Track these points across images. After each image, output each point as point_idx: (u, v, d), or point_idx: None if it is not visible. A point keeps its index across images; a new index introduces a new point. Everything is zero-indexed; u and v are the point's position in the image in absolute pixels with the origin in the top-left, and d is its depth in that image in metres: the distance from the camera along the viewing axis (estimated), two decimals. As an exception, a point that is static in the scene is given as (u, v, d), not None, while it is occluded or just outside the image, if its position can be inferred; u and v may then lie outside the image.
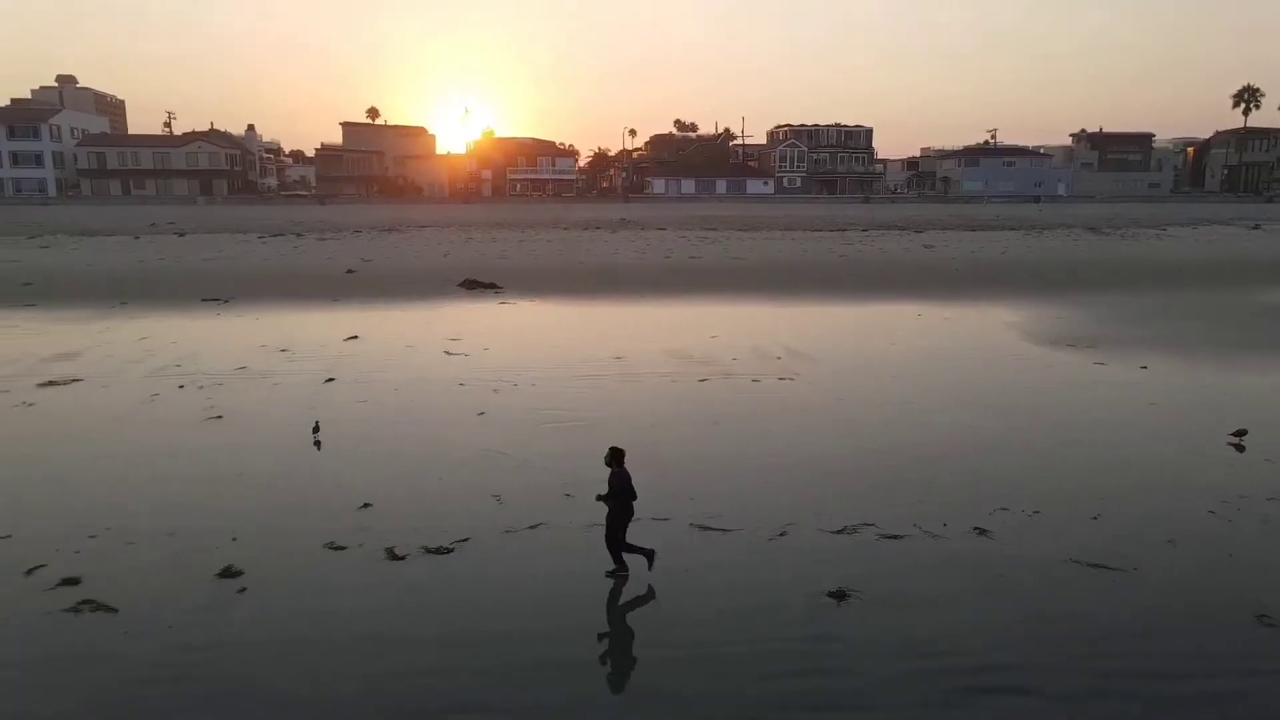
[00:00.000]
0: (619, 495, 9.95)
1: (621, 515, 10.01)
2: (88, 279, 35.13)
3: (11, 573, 10.21)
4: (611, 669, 8.75)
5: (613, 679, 8.54)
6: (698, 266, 40.76)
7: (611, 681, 8.48)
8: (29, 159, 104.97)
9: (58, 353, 22.20)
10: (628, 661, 8.89)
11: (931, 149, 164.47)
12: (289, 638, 8.97)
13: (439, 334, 24.99)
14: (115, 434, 15.66)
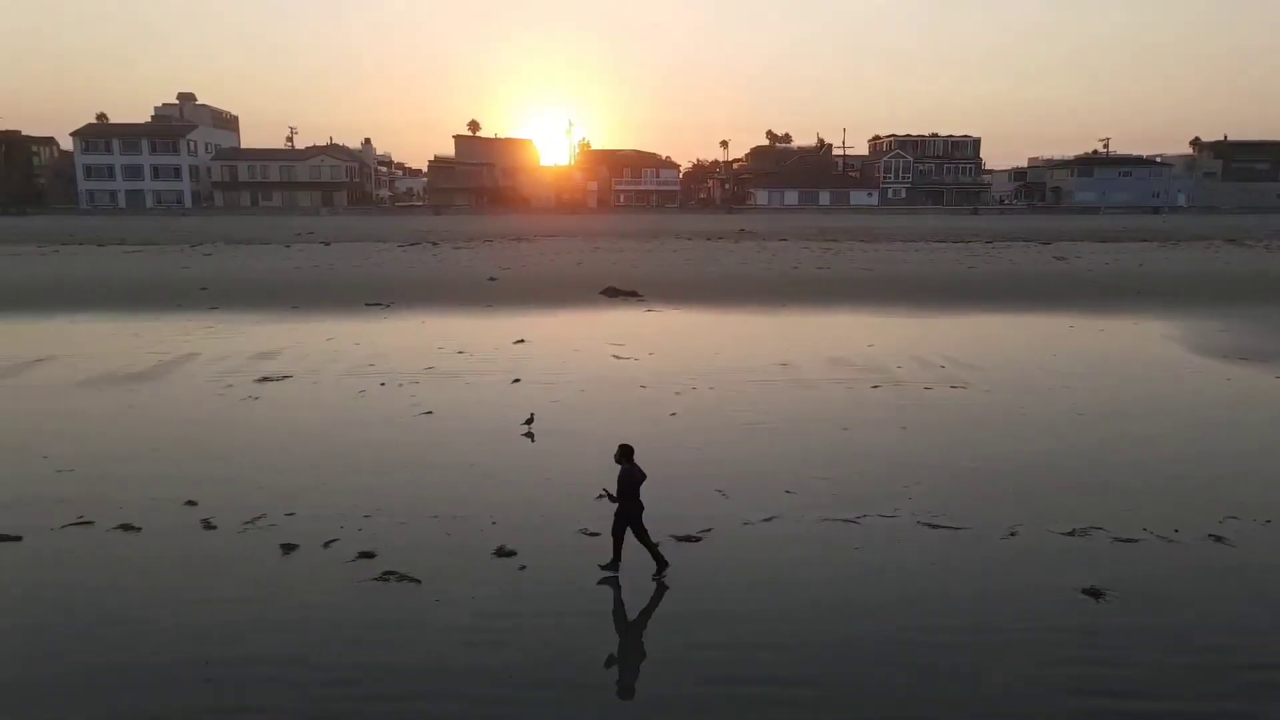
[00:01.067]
0: (628, 492, 10.24)
1: (632, 511, 10.33)
2: (257, 284, 37.54)
3: (312, 544, 11.35)
4: (879, 647, 9.18)
5: (887, 655, 8.98)
6: (827, 277, 40.95)
7: (893, 660, 8.94)
8: (169, 172, 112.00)
9: (259, 351, 23.97)
10: (895, 636, 9.27)
11: (1040, 158, 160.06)
12: (579, 611, 9.77)
13: (600, 339, 25.97)
14: (342, 424, 16.93)
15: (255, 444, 15.75)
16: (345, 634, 9.29)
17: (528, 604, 9.90)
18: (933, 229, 71.30)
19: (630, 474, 10.28)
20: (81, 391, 19.57)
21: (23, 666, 8.62)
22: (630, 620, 9.73)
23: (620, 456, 10.44)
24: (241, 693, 8.21)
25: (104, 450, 15.25)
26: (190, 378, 20.94)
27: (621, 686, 8.53)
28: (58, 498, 12.90)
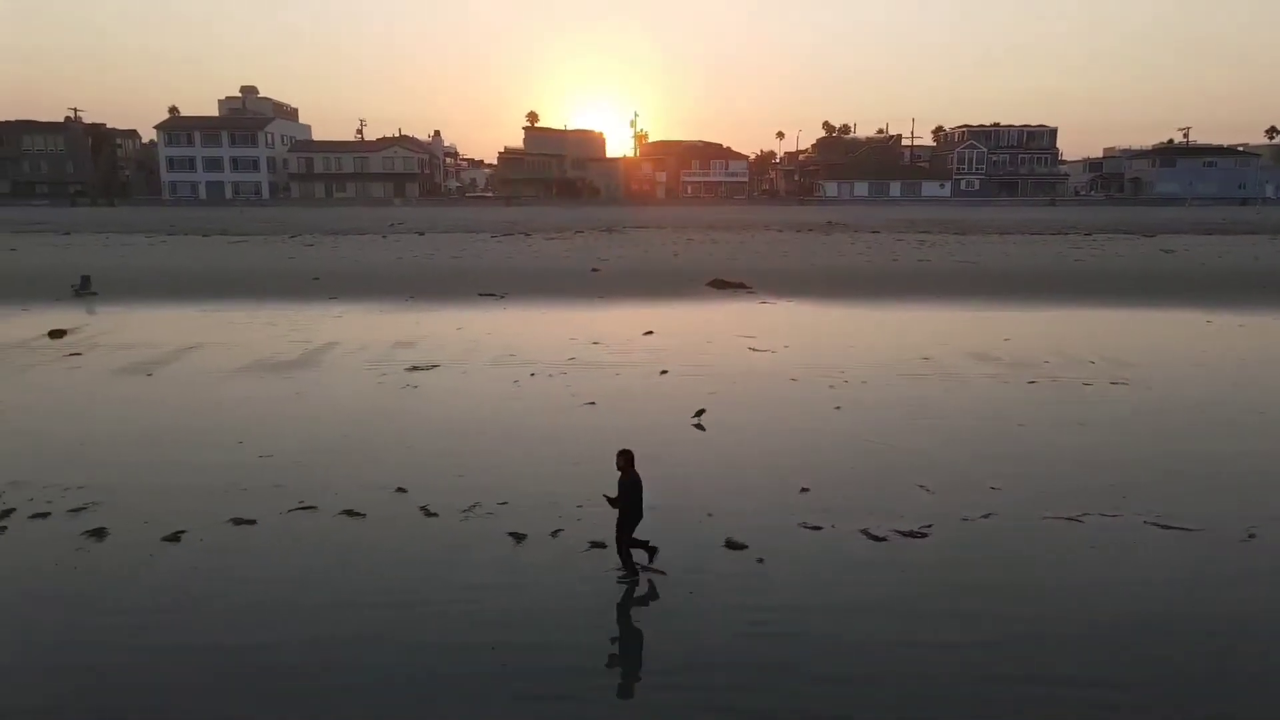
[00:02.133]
0: (629, 498, 9.96)
1: (632, 517, 10.05)
2: (367, 274, 38.16)
3: (540, 533, 11.41)
4: (1148, 640, 8.92)
5: (1145, 649, 8.73)
6: (930, 270, 40.26)
7: (1148, 653, 8.69)
8: (247, 164, 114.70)
9: (397, 341, 24.32)
10: (1162, 635, 9.03)
11: (1115, 148, 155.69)
12: (826, 605, 9.67)
13: (728, 331, 25.86)
14: (512, 413, 17.04)
15: (435, 432, 15.91)
16: (606, 623, 9.34)
17: (778, 598, 9.83)
18: (1023, 221, 69.72)
19: (634, 482, 9.97)
20: (243, 378, 20.03)
21: (284, 638, 8.80)
22: (898, 612, 9.52)
23: (621, 462, 10.10)
24: (542, 681, 8.27)
25: (294, 437, 15.57)
26: (342, 366, 21.31)
27: (902, 675, 8.39)
28: (273, 483, 13.18)
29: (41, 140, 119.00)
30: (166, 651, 8.68)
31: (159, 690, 8.08)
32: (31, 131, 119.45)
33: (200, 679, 8.23)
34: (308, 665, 8.47)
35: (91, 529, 11.50)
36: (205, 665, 8.44)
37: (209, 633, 9.02)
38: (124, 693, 8.05)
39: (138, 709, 7.83)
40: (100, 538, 11.27)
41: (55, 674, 8.31)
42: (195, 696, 7.99)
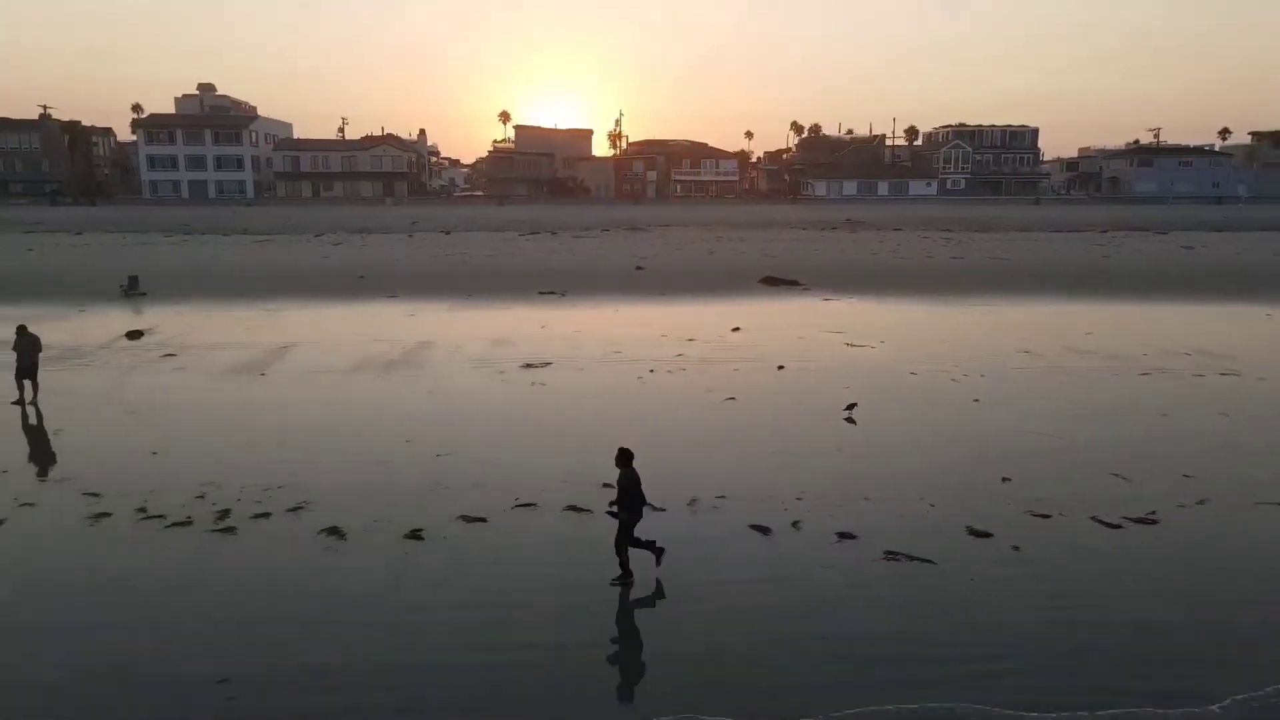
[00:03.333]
0: (631, 497, 9.66)
1: (633, 517, 9.77)
2: (411, 273, 37.77)
3: (782, 525, 11.42)
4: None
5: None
6: (968, 267, 40.77)
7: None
8: (231, 163, 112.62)
9: (493, 338, 24.09)
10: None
11: (1090, 148, 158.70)
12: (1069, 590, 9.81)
13: (813, 326, 26.02)
14: (675, 409, 17.01)
15: (612, 428, 15.79)
16: (888, 612, 9.35)
17: (1051, 584, 9.92)
18: (1038, 219, 70.94)
19: (630, 479, 9.69)
20: (363, 378, 19.72)
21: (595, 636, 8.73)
22: (1172, 595, 9.67)
23: (620, 461, 9.83)
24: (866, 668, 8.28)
25: (460, 435, 15.37)
26: (451, 365, 21.04)
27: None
28: (473, 481, 13.02)
29: (15, 138, 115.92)
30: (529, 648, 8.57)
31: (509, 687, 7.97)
32: (5, 129, 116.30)
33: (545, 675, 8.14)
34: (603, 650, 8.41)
35: (325, 528, 11.29)
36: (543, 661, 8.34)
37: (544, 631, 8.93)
38: (531, 691, 7.93)
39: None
40: (341, 536, 11.06)
41: (453, 671, 8.15)
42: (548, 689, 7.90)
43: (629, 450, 9.87)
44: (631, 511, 9.68)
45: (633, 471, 9.72)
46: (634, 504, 9.68)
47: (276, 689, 7.92)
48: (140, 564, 10.35)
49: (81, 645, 8.61)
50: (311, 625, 8.99)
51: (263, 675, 8.11)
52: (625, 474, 9.74)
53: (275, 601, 9.49)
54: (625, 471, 9.74)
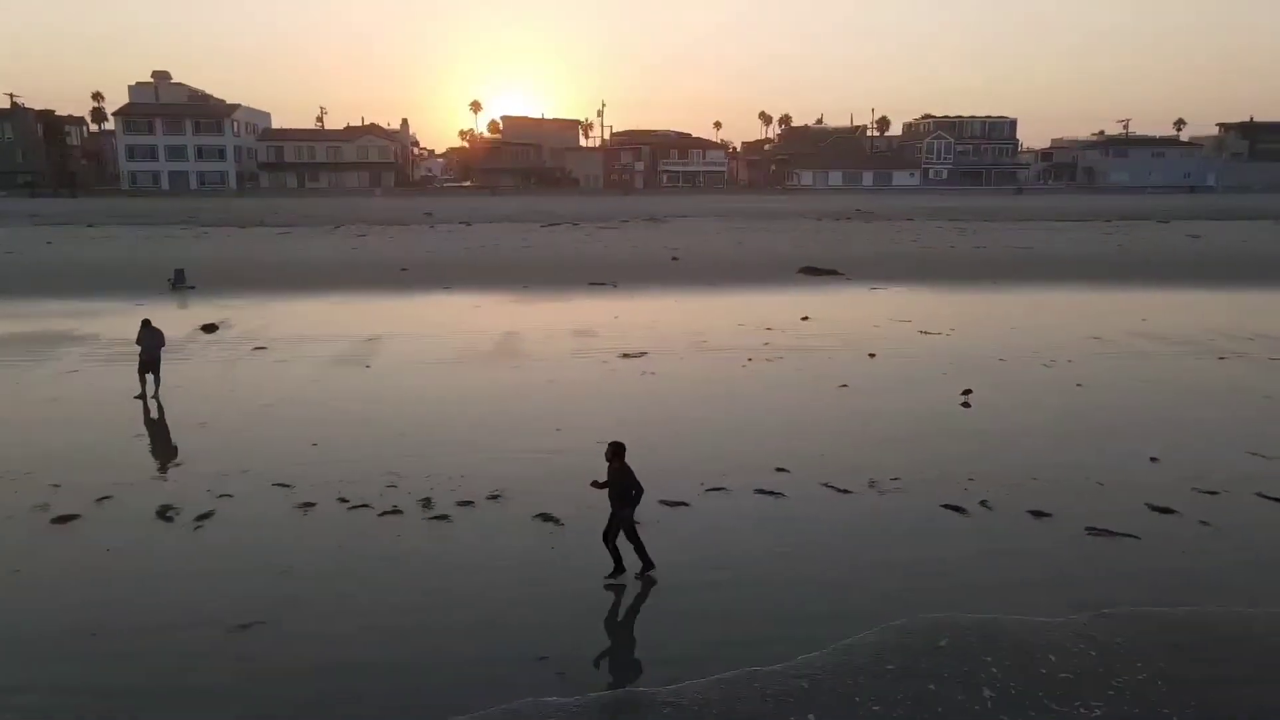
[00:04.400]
0: (624, 490, 9.68)
1: (623, 510, 9.79)
2: (451, 264, 37.78)
3: (972, 503, 11.92)
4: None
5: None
6: (991, 257, 41.66)
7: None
8: (212, 153, 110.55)
9: (572, 329, 24.34)
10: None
11: (1063, 139, 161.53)
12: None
13: (876, 315, 26.64)
14: (796, 393, 17.44)
15: (750, 414, 16.19)
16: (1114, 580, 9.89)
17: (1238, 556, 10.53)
18: (1041, 208, 72.36)
19: (622, 473, 9.67)
20: (469, 368, 19.91)
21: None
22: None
23: (611, 455, 9.79)
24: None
25: (606, 421, 15.65)
26: (551, 354, 21.26)
27: None
28: (658, 468, 13.29)
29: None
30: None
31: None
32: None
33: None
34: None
35: (538, 513, 11.57)
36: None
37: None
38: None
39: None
40: (557, 524, 11.34)
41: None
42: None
43: (621, 444, 9.81)
44: (626, 504, 9.70)
45: (625, 465, 9.73)
46: (627, 497, 9.69)
47: (599, 670, 8.27)
48: (403, 549, 10.55)
49: (428, 621, 8.89)
50: (612, 603, 9.44)
51: (583, 654, 8.43)
52: (617, 467, 9.72)
53: (568, 579, 9.82)
54: (617, 465, 9.73)
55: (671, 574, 9.95)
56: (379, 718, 7.45)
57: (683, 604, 9.39)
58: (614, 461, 9.73)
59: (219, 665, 8.16)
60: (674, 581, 9.83)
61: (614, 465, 9.72)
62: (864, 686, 7.83)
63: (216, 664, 8.19)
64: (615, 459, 9.73)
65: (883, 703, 7.62)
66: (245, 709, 7.57)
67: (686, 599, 9.48)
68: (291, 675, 8.03)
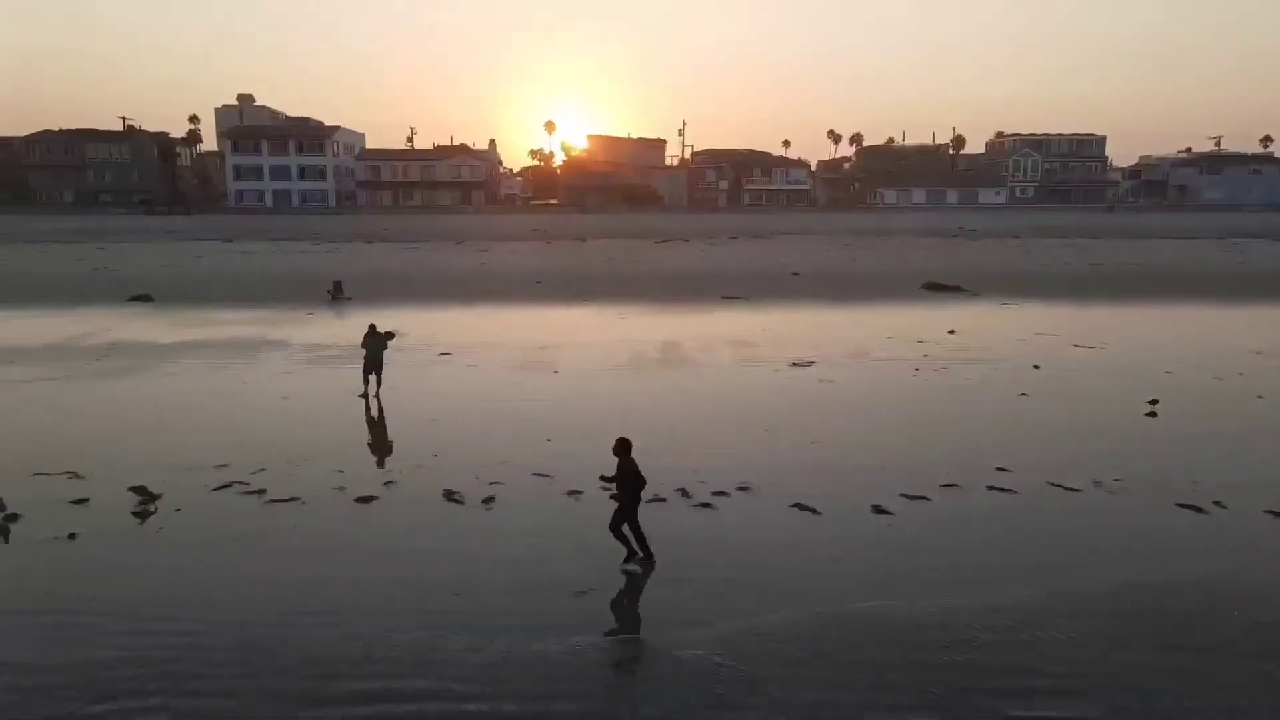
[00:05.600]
0: (629, 484, 10.24)
1: (633, 503, 10.33)
2: (581, 277, 39.23)
3: (1205, 500, 12.49)
4: None
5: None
6: (1109, 273, 41.66)
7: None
8: (314, 173, 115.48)
9: (730, 339, 25.37)
10: None
11: (1152, 156, 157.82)
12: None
13: (1019, 330, 27.08)
14: (979, 403, 18.13)
15: (945, 419, 16.95)
16: None
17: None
18: (1145, 225, 71.33)
19: (628, 467, 10.23)
20: (651, 375, 21.04)
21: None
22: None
23: (618, 450, 10.36)
24: None
25: (814, 423, 16.58)
26: (718, 363, 22.27)
27: None
28: (889, 465, 14.20)
29: (106, 149, 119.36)
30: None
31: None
32: (95, 140, 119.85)
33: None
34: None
35: (795, 503, 12.49)
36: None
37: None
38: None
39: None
40: (816, 513, 12.25)
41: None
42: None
43: (628, 440, 10.50)
44: (632, 499, 10.31)
45: (631, 460, 10.30)
46: (633, 491, 10.29)
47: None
48: (680, 531, 11.57)
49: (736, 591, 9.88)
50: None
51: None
52: (624, 462, 10.31)
53: (826, 560, 10.72)
54: (624, 460, 10.32)
55: (946, 553, 10.78)
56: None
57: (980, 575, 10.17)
58: (621, 456, 10.38)
59: (580, 620, 9.26)
60: (947, 561, 10.63)
61: (624, 460, 10.35)
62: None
63: (576, 618, 9.29)
64: (622, 454, 10.39)
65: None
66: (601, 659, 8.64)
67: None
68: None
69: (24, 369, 21.56)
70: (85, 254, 47.88)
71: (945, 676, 8.24)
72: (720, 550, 11.01)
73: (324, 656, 8.56)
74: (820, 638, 8.89)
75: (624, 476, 10.37)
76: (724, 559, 10.78)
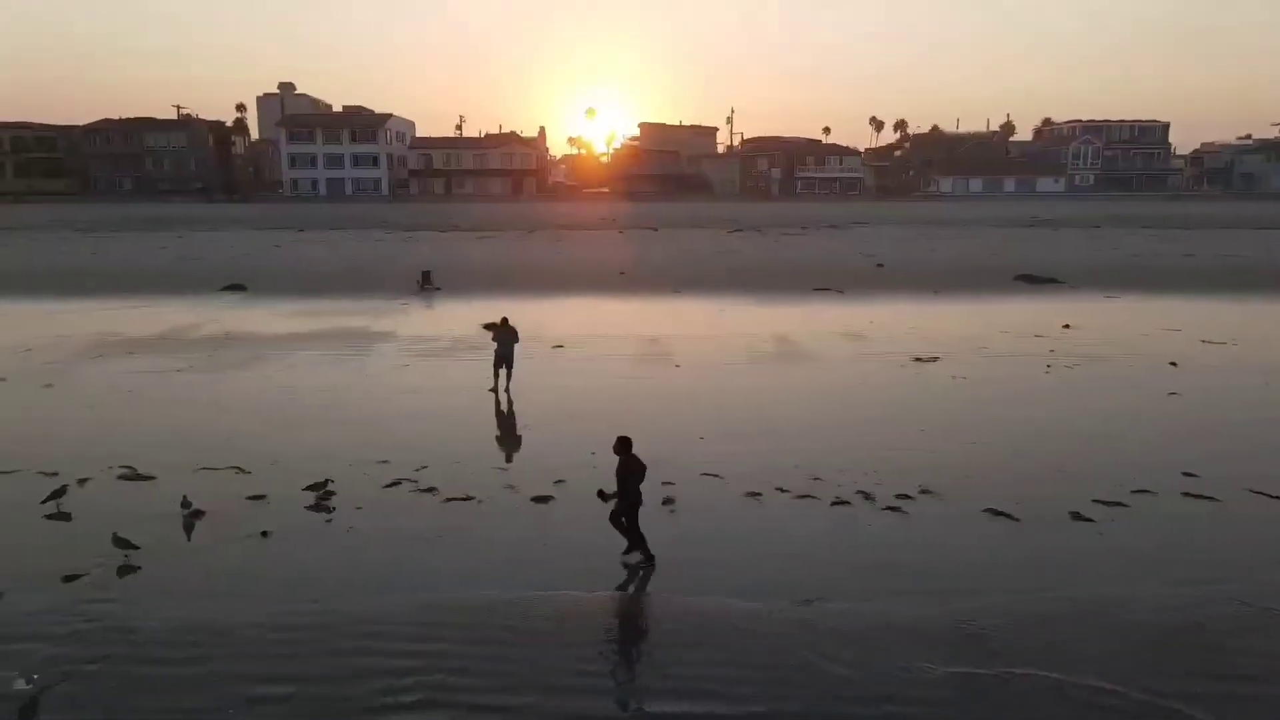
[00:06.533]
0: (628, 481, 10.16)
1: (635, 502, 10.26)
2: (662, 267, 38.91)
3: None
4: None
5: None
6: (1206, 266, 40.27)
7: None
8: (367, 161, 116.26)
9: (837, 331, 24.92)
10: None
11: (1215, 144, 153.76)
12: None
13: (1138, 323, 26.33)
14: (1130, 403, 17.51)
15: (1100, 419, 16.40)
16: None
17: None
18: (1230, 215, 69.33)
19: (627, 464, 10.20)
20: (776, 367, 20.68)
21: None
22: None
23: (619, 448, 10.34)
24: None
25: (996, 422, 16.13)
26: (839, 356, 21.86)
27: None
28: (1065, 468, 13.71)
29: (164, 138, 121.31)
30: None
31: None
32: (153, 129, 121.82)
33: None
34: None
35: (988, 508, 12.05)
36: None
37: None
38: None
39: None
40: (1013, 519, 11.78)
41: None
42: None
43: (628, 438, 10.42)
44: (632, 498, 10.22)
45: (631, 458, 10.24)
46: (631, 489, 10.20)
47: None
48: (872, 536, 11.25)
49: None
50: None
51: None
52: (624, 460, 10.23)
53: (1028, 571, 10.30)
54: (625, 458, 10.24)
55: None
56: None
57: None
58: (622, 453, 10.30)
59: (864, 630, 8.94)
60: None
61: (624, 458, 10.27)
62: None
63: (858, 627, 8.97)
64: (623, 451, 10.29)
65: None
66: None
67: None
68: (861, 646, 8.75)
69: (147, 360, 21.70)
70: (167, 242, 48.51)
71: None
72: (938, 556, 10.61)
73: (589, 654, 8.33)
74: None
75: (628, 474, 10.23)
76: (940, 567, 10.40)
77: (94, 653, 8.55)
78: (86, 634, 8.89)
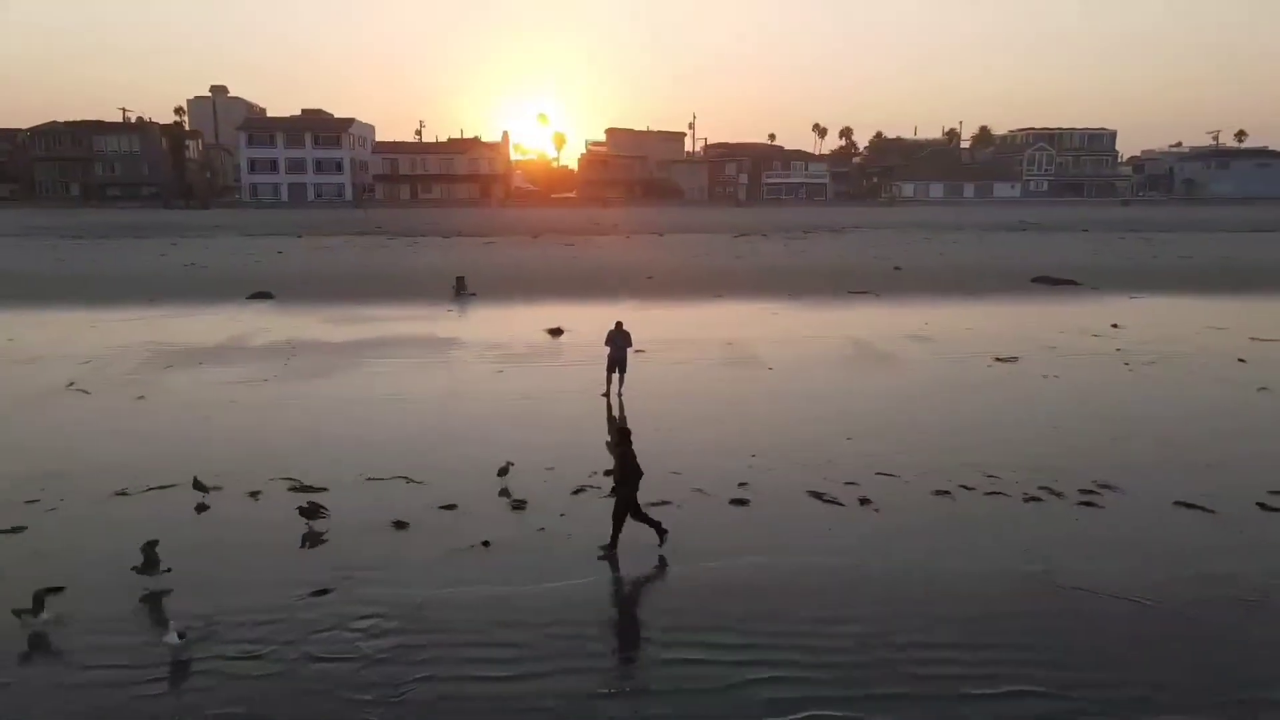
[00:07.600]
0: (628, 475, 10.43)
1: (631, 494, 10.52)
2: (687, 273, 38.97)
3: None
4: None
5: None
6: (1199, 265, 41.93)
7: None
8: (330, 166, 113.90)
9: (901, 334, 25.32)
10: None
11: (1153, 150, 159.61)
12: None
13: (1174, 322, 27.46)
14: (1219, 403, 18.13)
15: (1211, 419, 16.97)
16: None
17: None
18: (1184, 220, 71.92)
19: (626, 458, 10.42)
20: (859, 368, 20.93)
21: None
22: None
23: (618, 440, 10.61)
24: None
25: (1092, 421, 16.54)
26: (913, 357, 22.23)
27: None
28: (1203, 463, 14.16)
29: (115, 141, 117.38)
30: None
31: None
32: (104, 133, 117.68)
33: None
34: None
35: (1178, 500, 12.40)
36: None
37: None
38: None
39: None
40: (1209, 511, 12.12)
41: None
42: None
43: (628, 429, 10.91)
44: (630, 487, 10.46)
45: (629, 450, 10.47)
46: (630, 479, 10.43)
47: None
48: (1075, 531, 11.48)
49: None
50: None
51: None
52: (622, 451, 10.45)
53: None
54: (623, 449, 10.46)
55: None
56: None
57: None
58: (621, 446, 10.53)
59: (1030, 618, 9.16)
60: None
61: (622, 449, 10.49)
62: None
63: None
64: (622, 443, 10.54)
65: None
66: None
67: None
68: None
69: (223, 370, 21.03)
70: (164, 250, 47.03)
71: None
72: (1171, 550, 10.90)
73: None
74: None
75: (619, 466, 10.38)
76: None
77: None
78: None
